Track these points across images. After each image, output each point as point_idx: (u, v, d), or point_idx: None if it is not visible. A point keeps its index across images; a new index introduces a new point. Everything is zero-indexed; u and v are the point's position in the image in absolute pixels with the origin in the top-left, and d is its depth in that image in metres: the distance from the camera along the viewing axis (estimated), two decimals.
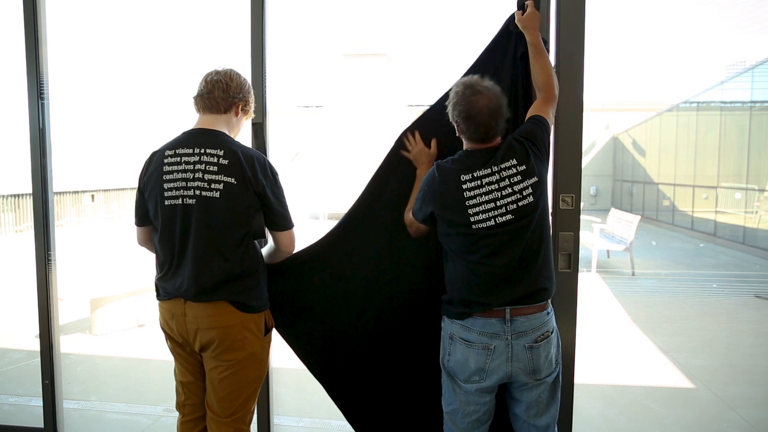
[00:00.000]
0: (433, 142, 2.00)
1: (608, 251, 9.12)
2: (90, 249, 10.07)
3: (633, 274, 8.07)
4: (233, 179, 1.73)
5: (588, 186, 18.52)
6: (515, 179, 1.70)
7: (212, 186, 1.73)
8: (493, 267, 1.71)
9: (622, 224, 9.02)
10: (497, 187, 1.70)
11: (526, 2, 1.94)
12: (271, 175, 1.80)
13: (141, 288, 5.25)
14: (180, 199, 1.75)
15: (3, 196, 12.14)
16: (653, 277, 8.06)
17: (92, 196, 14.91)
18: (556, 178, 2.12)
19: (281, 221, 1.84)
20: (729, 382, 3.93)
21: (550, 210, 2.14)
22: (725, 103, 12.21)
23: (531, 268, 1.73)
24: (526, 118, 1.84)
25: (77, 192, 14.20)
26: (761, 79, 10.92)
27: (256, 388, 1.89)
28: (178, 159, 1.77)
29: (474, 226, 1.70)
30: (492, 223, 1.70)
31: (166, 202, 1.77)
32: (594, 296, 6.68)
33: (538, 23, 1.92)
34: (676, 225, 13.33)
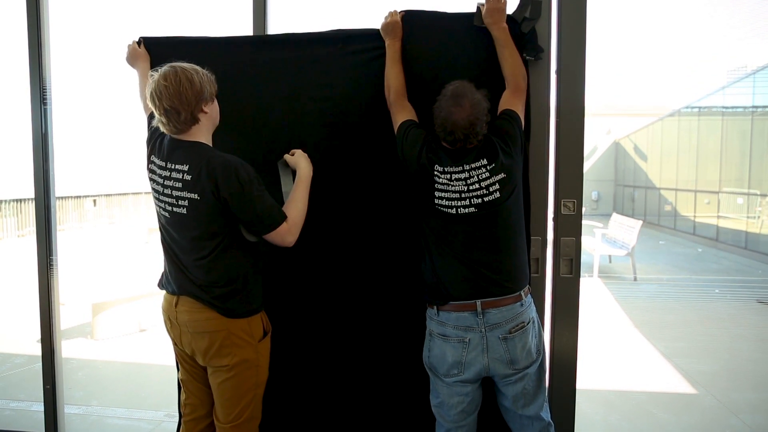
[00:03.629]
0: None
1: (610, 256, 9.10)
2: (92, 254, 10.07)
3: (635, 279, 8.05)
4: (196, 195, 1.68)
5: (589, 191, 18.50)
6: (483, 176, 1.77)
7: (179, 203, 1.72)
8: (460, 259, 1.79)
9: (624, 229, 9.01)
10: (465, 183, 1.78)
11: (538, 13, 1.96)
12: (237, 182, 1.67)
13: (142, 293, 5.25)
14: (160, 208, 1.80)
15: (5, 201, 12.16)
16: (655, 282, 8.04)
17: (94, 200, 14.93)
18: (558, 183, 2.12)
19: (256, 226, 1.73)
20: (731, 388, 3.91)
21: (551, 215, 2.14)
22: (727, 108, 12.21)
23: (500, 260, 1.80)
24: (498, 111, 1.89)
25: (79, 197, 14.23)
26: (763, 84, 10.93)
27: (256, 394, 1.87)
28: (154, 168, 1.78)
29: (436, 207, 1.80)
30: (453, 212, 1.78)
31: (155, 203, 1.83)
32: (596, 301, 6.66)
33: (501, 17, 1.93)
34: (678, 230, 13.30)
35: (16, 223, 12.43)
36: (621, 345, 5.02)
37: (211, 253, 1.73)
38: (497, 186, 1.77)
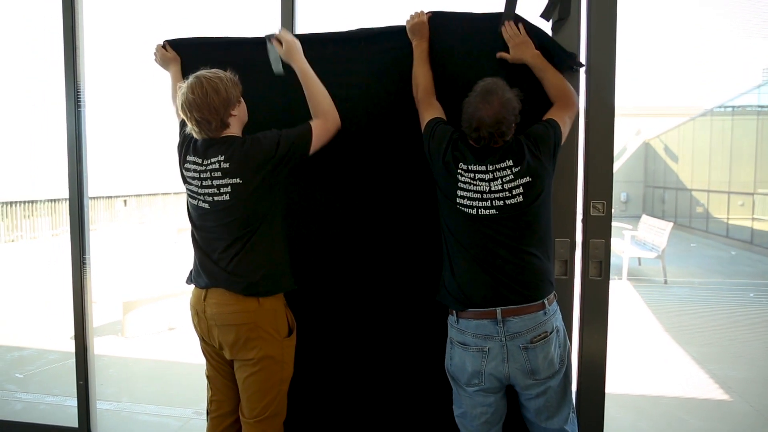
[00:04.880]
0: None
1: (639, 259, 8.93)
2: (122, 253, 10.29)
3: (665, 282, 7.89)
4: (238, 179, 1.78)
5: (618, 192, 18.20)
6: (507, 178, 1.73)
7: (221, 190, 1.80)
8: (479, 263, 1.75)
9: (654, 231, 8.83)
10: (488, 183, 1.73)
11: (511, 24, 1.93)
12: (268, 146, 1.80)
13: (171, 292, 5.34)
14: (198, 200, 1.86)
15: (40, 201, 12.50)
16: (686, 285, 7.86)
17: (125, 201, 15.25)
18: (587, 184, 2.09)
19: (302, 145, 1.85)
20: (767, 395, 3.80)
21: (580, 216, 2.12)
22: (762, 107, 11.88)
23: (521, 267, 1.74)
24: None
25: (110, 197, 14.54)
26: None
27: (280, 390, 1.91)
28: (189, 166, 1.86)
29: (457, 206, 1.76)
30: (474, 212, 1.74)
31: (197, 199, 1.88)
32: (625, 304, 6.55)
33: (528, 47, 1.91)
34: (710, 232, 12.98)
35: (51, 222, 12.76)
36: (651, 349, 4.92)
37: (247, 236, 1.81)
38: (521, 190, 1.73)
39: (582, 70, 2.04)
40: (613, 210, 2.11)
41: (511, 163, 1.73)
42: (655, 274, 8.39)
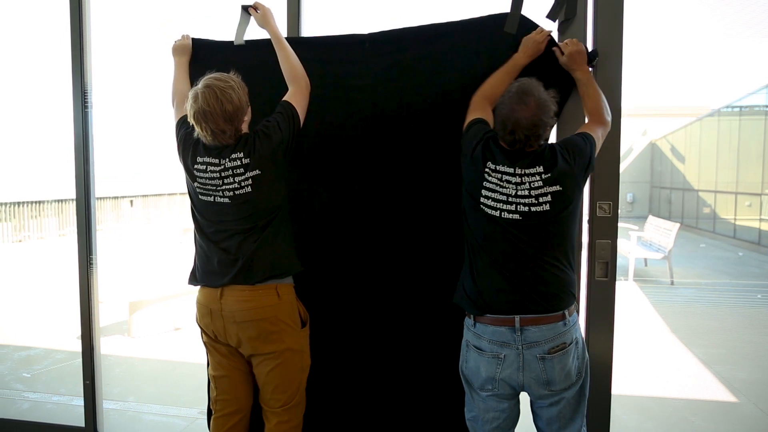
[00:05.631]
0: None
1: (646, 259, 8.89)
2: (128, 253, 10.33)
3: (672, 283, 7.85)
4: (258, 171, 1.83)
5: (624, 193, 18.13)
6: (535, 184, 1.67)
7: (243, 184, 1.83)
8: (499, 268, 1.71)
9: (660, 232, 8.80)
10: (514, 186, 1.68)
11: (558, 42, 1.91)
12: (273, 130, 1.86)
13: (177, 292, 5.36)
14: (215, 196, 1.87)
15: (47, 201, 12.57)
16: (693, 286, 7.82)
17: (131, 201, 15.31)
18: (593, 185, 2.09)
19: (286, 108, 1.91)
20: None
21: (586, 217, 2.11)
22: None
23: (542, 276, 1.69)
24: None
25: (117, 197, 14.61)
26: None
27: (302, 379, 1.97)
28: (200, 166, 1.87)
29: (480, 206, 1.72)
30: (497, 214, 1.69)
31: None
32: (631, 305, 6.53)
33: (583, 60, 1.86)
34: (718, 233, 12.92)
35: (58, 223, 12.83)
36: (657, 350, 4.90)
37: (265, 227, 1.86)
38: (549, 198, 1.66)
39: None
40: (619, 211, 2.11)
41: (541, 169, 1.67)
42: (661, 275, 8.35)
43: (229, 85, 1.79)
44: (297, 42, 2.16)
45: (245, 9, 2.11)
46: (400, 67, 2.06)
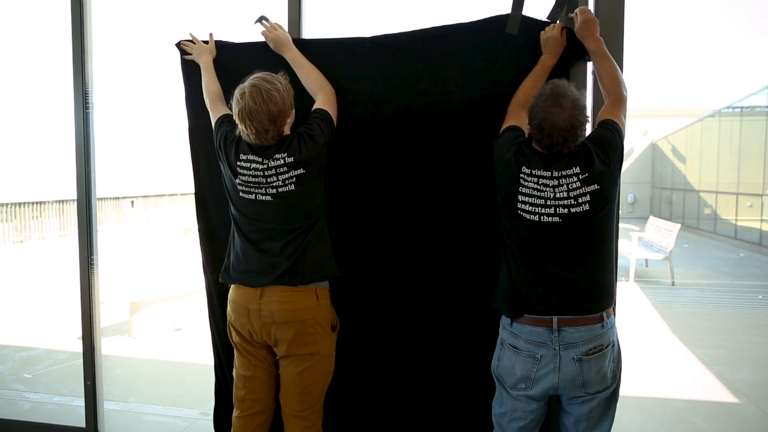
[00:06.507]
0: (564, 32, 1.90)
1: (647, 260, 8.89)
2: (129, 254, 10.34)
3: (673, 283, 7.85)
4: (302, 169, 1.85)
5: (625, 193, 18.12)
6: (573, 185, 1.64)
7: (287, 182, 1.85)
8: (537, 271, 1.69)
9: (661, 233, 8.80)
10: (552, 189, 1.65)
11: (574, 11, 1.89)
12: (315, 131, 1.88)
13: (178, 293, 5.36)
14: (257, 194, 1.88)
15: (48, 202, 12.59)
16: (694, 287, 7.81)
17: (132, 202, 15.32)
18: None
19: (320, 114, 1.94)
20: None
21: None
22: None
23: (580, 278, 1.68)
24: (597, 121, 1.80)
25: (118, 198, 14.62)
26: None
27: (326, 383, 1.97)
28: (243, 165, 1.87)
29: (517, 212, 1.70)
30: (536, 219, 1.67)
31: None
32: (632, 306, 6.52)
33: (595, 28, 1.84)
34: (719, 234, 12.91)
35: (59, 223, 12.85)
36: (658, 351, 4.90)
37: (308, 229, 1.87)
38: (588, 198, 1.64)
39: (589, 72, 2.04)
40: (620, 211, 2.10)
41: (578, 170, 1.64)
42: (662, 275, 8.35)
43: (274, 87, 1.80)
44: (297, 44, 2.16)
45: (260, 21, 2.10)
46: (402, 69, 2.06)
